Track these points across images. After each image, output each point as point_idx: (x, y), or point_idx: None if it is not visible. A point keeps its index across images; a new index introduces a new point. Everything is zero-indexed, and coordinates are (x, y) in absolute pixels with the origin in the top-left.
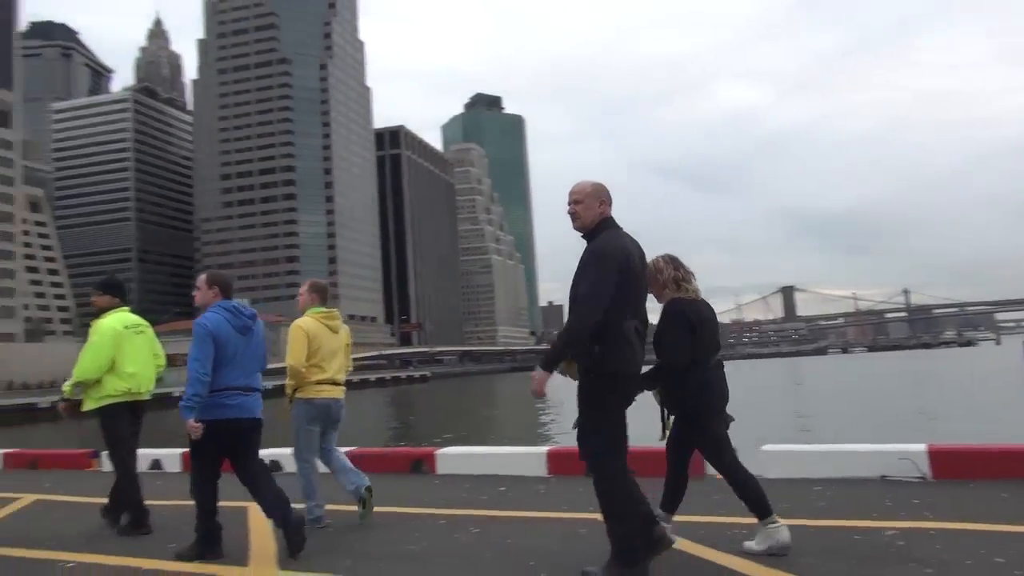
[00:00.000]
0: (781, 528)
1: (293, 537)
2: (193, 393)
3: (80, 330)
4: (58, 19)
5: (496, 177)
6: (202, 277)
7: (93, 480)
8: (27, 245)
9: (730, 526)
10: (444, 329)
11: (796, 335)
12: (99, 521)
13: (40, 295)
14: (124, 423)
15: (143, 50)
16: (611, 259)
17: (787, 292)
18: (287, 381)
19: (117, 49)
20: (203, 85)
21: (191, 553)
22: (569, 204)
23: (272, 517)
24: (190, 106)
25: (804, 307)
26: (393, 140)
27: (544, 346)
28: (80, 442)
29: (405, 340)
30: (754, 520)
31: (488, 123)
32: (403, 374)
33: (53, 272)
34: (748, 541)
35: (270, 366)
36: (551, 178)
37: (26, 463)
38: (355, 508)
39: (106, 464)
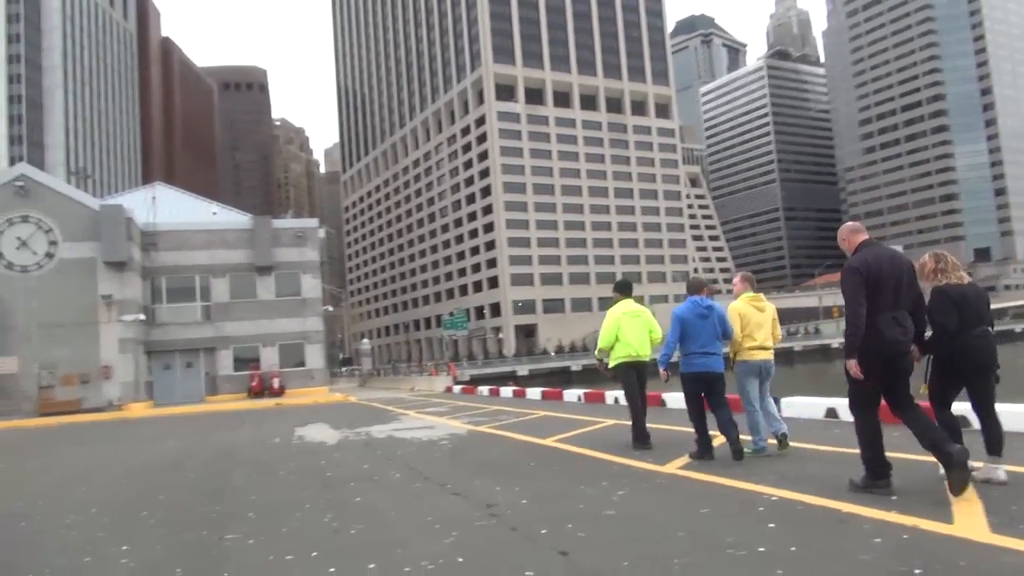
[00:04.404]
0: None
1: (735, 448)
2: (663, 355)
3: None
4: (696, 12)
5: None
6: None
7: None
8: (691, 217)
9: None
10: None
11: None
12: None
13: (705, 259)
14: (632, 377)
15: (772, 16)
16: (854, 272)
17: None
18: (729, 348)
19: (748, 23)
20: (833, 33)
21: (697, 455)
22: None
23: (725, 434)
24: (822, 59)
25: None
26: None
27: None
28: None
29: None
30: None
31: None
32: None
33: (714, 238)
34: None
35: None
36: None
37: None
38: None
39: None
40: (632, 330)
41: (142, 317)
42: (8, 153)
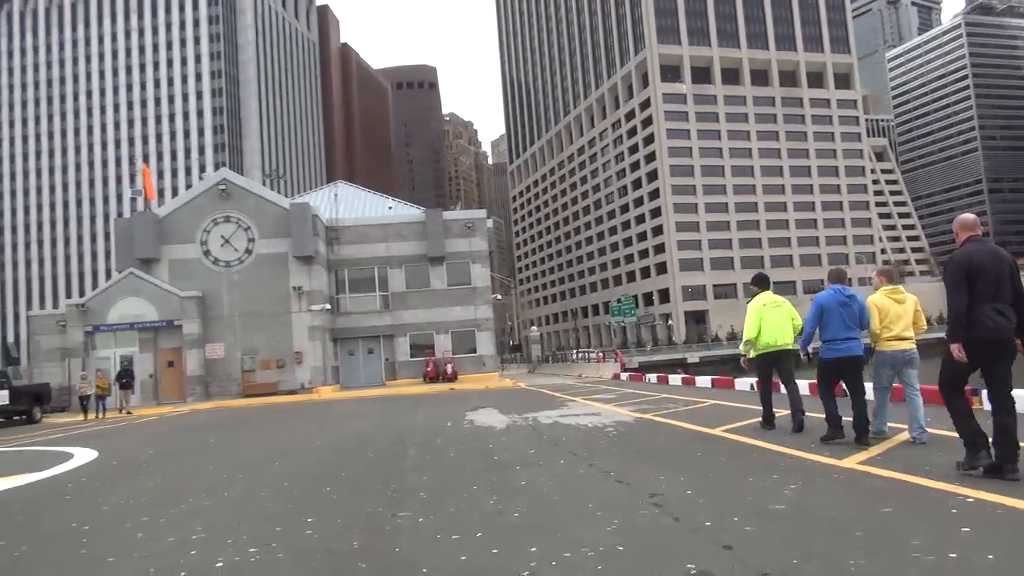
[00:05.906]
0: None
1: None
2: (802, 340)
3: (937, 268)
4: None
5: None
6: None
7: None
8: (878, 193)
9: None
10: None
11: None
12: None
13: (895, 239)
14: (767, 369)
15: None
16: (955, 265)
17: None
18: (867, 339)
19: None
20: None
21: (829, 435)
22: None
23: (855, 427)
24: None
25: None
26: None
27: None
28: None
29: None
30: None
31: None
32: None
33: (904, 215)
34: None
35: None
36: None
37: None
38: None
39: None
40: (775, 320)
41: (328, 307)
42: (212, 159)
